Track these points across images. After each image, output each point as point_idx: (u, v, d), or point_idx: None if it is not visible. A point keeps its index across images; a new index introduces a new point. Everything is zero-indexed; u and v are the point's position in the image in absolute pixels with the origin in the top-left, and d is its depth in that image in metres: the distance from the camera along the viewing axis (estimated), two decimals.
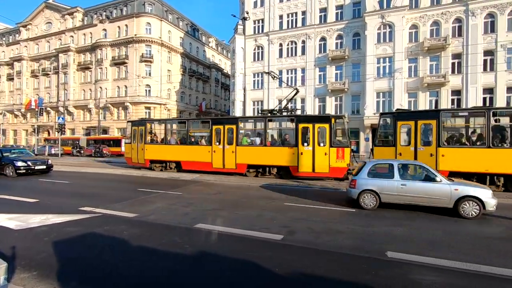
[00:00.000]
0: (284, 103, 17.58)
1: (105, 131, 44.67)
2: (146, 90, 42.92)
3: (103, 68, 44.92)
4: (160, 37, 43.83)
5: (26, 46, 54.36)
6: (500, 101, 25.10)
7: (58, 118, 33.00)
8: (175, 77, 47.11)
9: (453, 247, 4.73)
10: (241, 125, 14.10)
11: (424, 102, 28.34)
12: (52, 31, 51.50)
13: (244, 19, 28.74)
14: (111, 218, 6.28)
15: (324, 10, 32.49)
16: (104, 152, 32.79)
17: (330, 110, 32.12)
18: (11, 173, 13.12)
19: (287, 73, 34.21)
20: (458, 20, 27.48)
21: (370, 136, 29.83)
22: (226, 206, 7.64)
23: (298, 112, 23.31)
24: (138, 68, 42.43)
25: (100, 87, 45.04)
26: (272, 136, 14.48)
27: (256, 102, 35.94)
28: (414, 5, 28.88)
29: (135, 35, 42.57)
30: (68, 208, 7.09)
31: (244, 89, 28.31)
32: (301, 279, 3.57)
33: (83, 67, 47.24)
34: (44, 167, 14.15)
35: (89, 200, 8.00)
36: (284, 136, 13.44)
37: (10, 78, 55.87)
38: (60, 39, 50.26)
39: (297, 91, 14.73)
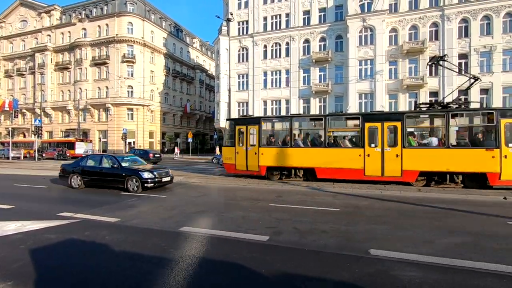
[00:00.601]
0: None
1: (85, 133, 43.34)
2: (128, 91, 42.01)
3: (83, 69, 43.60)
4: (142, 37, 43.05)
5: None
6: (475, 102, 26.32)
7: (35, 120, 31.67)
8: (158, 78, 46.40)
9: (432, 242, 4.90)
10: (408, 121, 11.15)
11: (404, 103, 29.27)
12: (27, 29, 49.48)
13: (228, 20, 28.72)
14: (91, 223, 6.09)
15: (307, 12, 32.98)
16: (67, 154, 32.79)
17: (314, 111, 32.58)
18: (135, 188, 9.96)
19: (272, 75, 34.45)
20: (435, 24, 28.64)
21: None
22: (211, 209, 7.59)
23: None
24: (120, 68, 41.45)
25: (80, 88, 43.67)
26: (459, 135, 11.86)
27: (241, 104, 35.96)
28: (393, 9, 29.83)
29: (117, 35, 41.60)
30: (46, 214, 6.81)
31: (229, 91, 28.28)
32: (288, 279, 3.60)
33: (61, 67, 45.66)
34: (169, 178, 11.00)
35: (69, 205, 7.72)
36: (481, 134, 10.52)
37: None
38: (37, 38, 48.37)
39: (478, 79, 11.50)
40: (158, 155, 27.93)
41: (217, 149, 32.35)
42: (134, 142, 41.60)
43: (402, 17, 29.31)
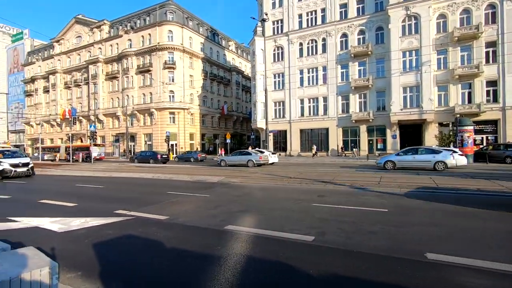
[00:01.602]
0: None
1: (132, 137, 46.57)
2: (170, 96, 44.26)
3: (129, 77, 46.91)
4: (181, 44, 45.06)
5: (59, 60, 58.06)
6: None
7: (90, 126, 34.95)
8: (197, 82, 48.20)
9: (494, 246, 4.40)
10: None
11: (455, 95, 26.93)
12: (82, 44, 54.62)
13: (263, 20, 28.84)
14: (144, 220, 6.50)
15: (344, 6, 31.85)
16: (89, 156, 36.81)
17: (354, 107, 31.37)
18: None
19: (308, 72, 33.87)
20: (492, 6, 25.85)
21: (397, 132, 28.77)
22: (253, 208, 7.66)
23: None
24: (162, 75, 43.86)
25: (127, 95, 47.05)
26: None
27: (277, 103, 35.90)
28: None
29: (158, 43, 44.07)
30: (104, 211, 7.44)
31: (265, 91, 28.38)
32: (337, 281, 3.49)
33: (111, 77, 49.61)
34: None
35: (123, 204, 8.35)
36: None
37: (46, 91, 59.93)
38: (90, 51, 53.15)
39: None
40: (166, 156, 30.35)
41: (250, 148, 33.03)
42: (176, 144, 43.73)
43: (451, 1, 26.91)
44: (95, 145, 40.02)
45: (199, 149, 46.80)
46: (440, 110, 27.42)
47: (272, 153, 24.11)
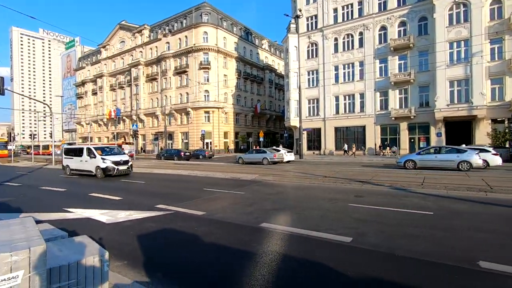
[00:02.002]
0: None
1: (170, 135, 48.73)
2: (205, 96, 45.55)
3: (168, 78, 49.11)
4: (216, 44, 46.08)
5: (105, 64, 62.60)
6: None
7: (133, 125, 37.24)
8: (231, 81, 49.01)
9: None
10: None
11: None
12: (125, 48, 58.31)
13: (297, 17, 28.43)
14: (182, 215, 6.78)
15: None
16: None
17: (394, 104, 29.74)
18: None
19: (344, 68, 32.75)
20: None
21: (443, 130, 26.76)
22: (288, 206, 7.61)
23: None
24: (198, 75, 45.28)
25: (165, 95, 49.31)
26: None
27: (311, 101, 35.24)
28: None
29: (194, 44, 45.54)
30: (146, 205, 7.89)
31: (299, 88, 28.00)
32: (379, 285, 3.33)
33: (151, 78, 52.34)
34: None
35: (163, 199, 8.78)
36: None
37: (94, 93, 65.04)
38: (132, 55, 56.57)
39: None
40: (188, 154, 32.92)
41: (281, 147, 33.12)
42: (211, 142, 44.97)
43: None
44: (126, 143, 43.12)
45: (233, 147, 47.64)
46: (494, 105, 24.89)
47: (288, 152, 24.29)
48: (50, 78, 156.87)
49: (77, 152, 16.51)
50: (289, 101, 36.15)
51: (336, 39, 33.06)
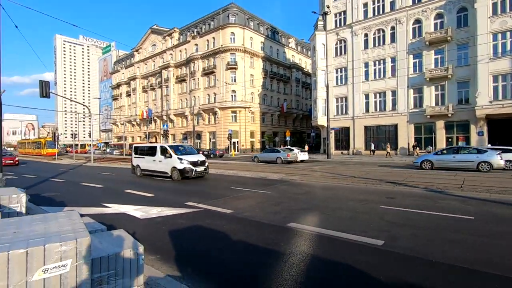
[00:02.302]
0: None
1: (199, 135, 49.95)
2: (232, 96, 46.11)
3: (196, 79, 50.37)
4: (243, 44, 46.45)
5: (138, 67, 65.59)
6: None
7: (163, 125, 38.69)
8: (257, 81, 49.17)
9: None
10: None
11: None
12: (156, 51, 60.69)
13: (325, 14, 27.86)
14: (211, 213, 6.94)
15: None
16: None
17: (429, 101, 28.13)
18: None
19: (374, 65, 31.54)
20: None
21: (485, 129, 24.86)
22: (316, 207, 7.49)
23: None
24: (225, 75, 45.95)
25: (194, 96, 50.62)
26: None
27: (339, 99, 34.35)
28: None
29: (221, 45, 46.25)
30: (177, 202, 8.17)
31: (327, 86, 27.47)
32: None
33: (180, 80, 53.99)
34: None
35: (192, 196, 9.04)
36: None
37: (128, 94, 68.43)
38: (162, 58, 58.73)
39: None
40: (206, 152, 35.08)
41: (307, 147, 33.28)
42: (237, 141, 45.48)
43: None
44: (150, 142, 45.44)
45: (259, 147, 47.80)
46: None
47: (302, 151, 24.53)
48: (89, 81, 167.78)
49: (149, 151, 15.07)
50: (316, 99, 35.53)
51: (366, 35, 31.91)
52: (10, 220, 2.25)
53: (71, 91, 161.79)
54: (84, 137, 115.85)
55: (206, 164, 14.33)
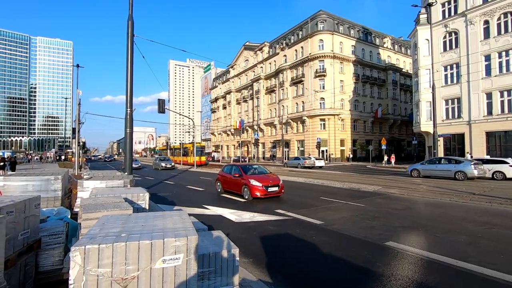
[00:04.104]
0: None
1: (287, 143, 50.71)
2: (320, 103, 45.24)
3: (284, 89, 51.60)
4: (332, 50, 45.26)
5: (233, 82, 71.80)
6: None
7: (255, 135, 40.94)
8: (347, 87, 46.91)
9: None
10: None
11: None
12: (248, 66, 65.25)
13: (429, 5, 24.56)
14: (300, 222, 6.88)
15: None
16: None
17: None
18: None
19: (499, 57, 25.83)
20: None
21: None
22: (420, 226, 6.51)
23: None
24: (313, 83, 45.55)
25: (282, 105, 51.87)
26: None
27: (449, 101, 29.39)
28: None
29: (310, 54, 46.19)
30: (267, 209, 8.45)
31: (433, 87, 23.96)
32: None
33: (270, 90, 56.30)
34: None
35: (281, 204, 9.19)
36: None
37: (224, 107, 75.54)
38: (254, 71, 62.65)
39: None
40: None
41: (392, 156, 30.89)
42: (326, 150, 44.04)
43: None
44: (214, 151, 49.06)
45: (350, 156, 45.11)
46: None
47: (317, 159, 30.70)
48: (193, 97, 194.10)
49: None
50: (418, 103, 31.26)
51: (486, 22, 26.43)
52: (139, 215, 2.77)
53: (179, 107, 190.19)
54: None
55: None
